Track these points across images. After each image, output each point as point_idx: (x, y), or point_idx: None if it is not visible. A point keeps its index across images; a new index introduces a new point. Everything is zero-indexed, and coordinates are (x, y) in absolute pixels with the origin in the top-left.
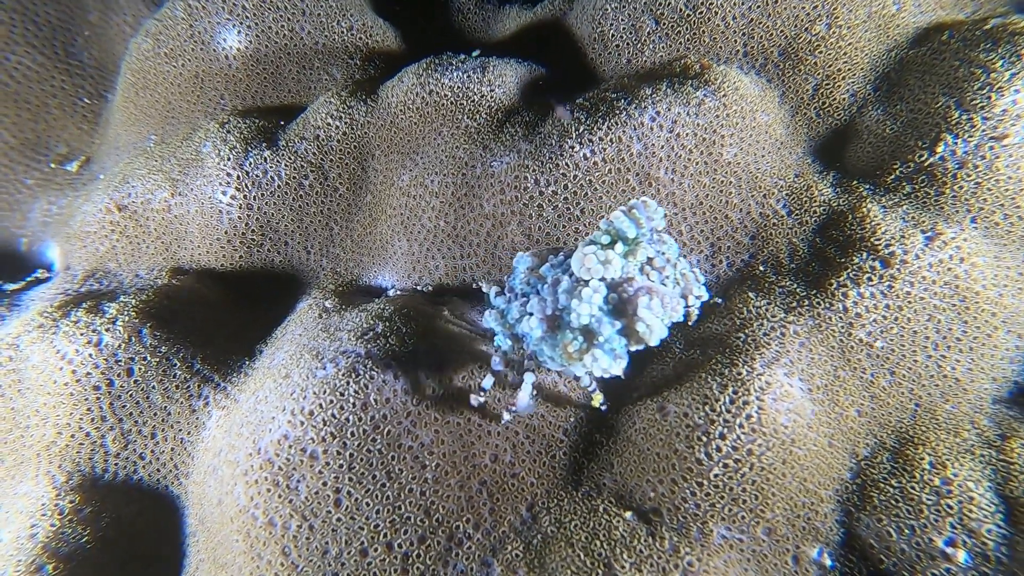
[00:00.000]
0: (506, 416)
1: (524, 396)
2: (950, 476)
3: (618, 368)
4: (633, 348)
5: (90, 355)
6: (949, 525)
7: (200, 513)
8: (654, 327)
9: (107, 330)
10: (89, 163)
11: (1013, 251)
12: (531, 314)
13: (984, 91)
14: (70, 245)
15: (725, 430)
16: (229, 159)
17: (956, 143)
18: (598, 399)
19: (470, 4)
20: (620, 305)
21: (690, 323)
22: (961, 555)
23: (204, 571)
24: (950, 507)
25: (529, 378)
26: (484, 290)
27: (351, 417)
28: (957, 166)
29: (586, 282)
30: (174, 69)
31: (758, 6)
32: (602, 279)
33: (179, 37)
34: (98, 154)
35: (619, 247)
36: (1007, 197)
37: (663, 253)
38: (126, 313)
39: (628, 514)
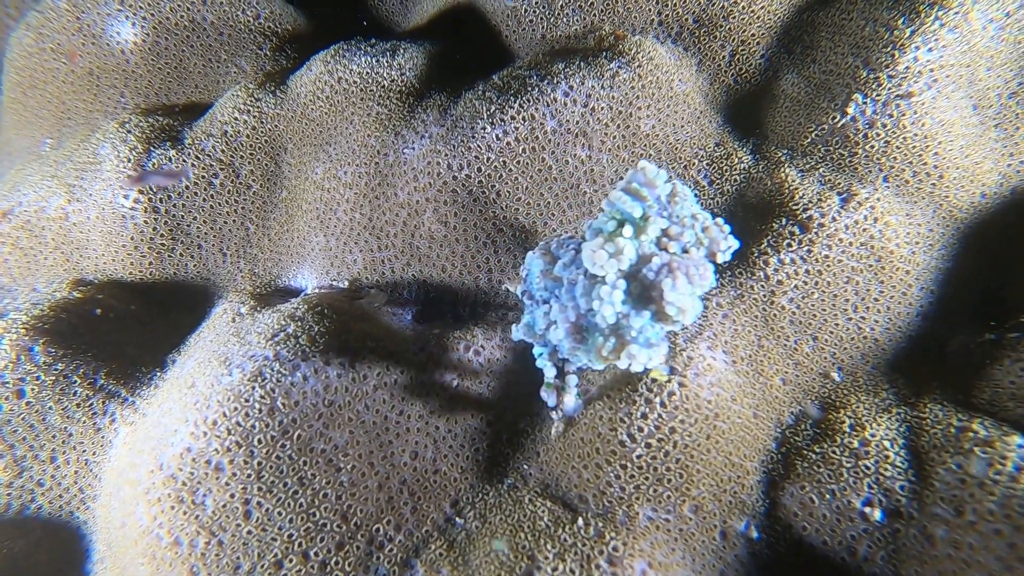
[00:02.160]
0: (557, 424)
1: (570, 399)
2: (868, 437)
3: (659, 357)
4: (669, 330)
5: None
6: (867, 486)
7: (107, 538)
8: (685, 306)
9: None
10: None
11: (923, 208)
12: (555, 324)
13: (888, 49)
14: None
15: (647, 410)
16: (129, 160)
17: (865, 103)
18: (662, 375)
19: None
20: (642, 291)
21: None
22: (877, 513)
23: None
24: (867, 468)
25: (573, 380)
26: (511, 290)
27: (257, 424)
28: (867, 126)
29: (602, 278)
30: (64, 66)
31: None
32: (617, 271)
33: (65, 30)
34: None
35: (627, 230)
36: (915, 154)
37: (678, 217)
38: (14, 331)
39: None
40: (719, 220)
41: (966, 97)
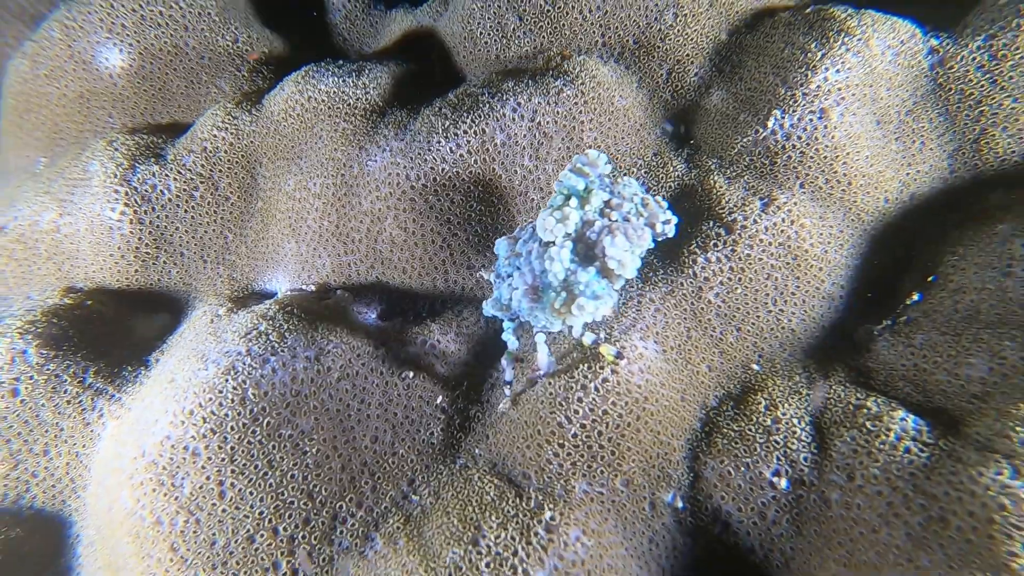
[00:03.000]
0: (506, 401)
1: (543, 357)
2: (779, 415)
3: (606, 308)
4: (616, 286)
5: None
6: (775, 458)
7: (96, 522)
8: (624, 260)
9: None
10: None
11: (834, 210)
12: (515, 288)
13: (802, 70)
14: None
15: (582, 394)
16: (116, 175)
17: (783, 117)
18: (609, 352)
19: (357, 11)
20: (588, 251)
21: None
22: (783, 482)
23: None
24: (777, 442)
25: (541, 338)
26: (486, 277)
27: (229, 412)
28: (785, 138)
29: (552, 243)
30: (57, 90)
31: (612, 0)
32: (565, 234)
33: (58, 58)
34: None
35: (573, 201)
36: (826, 163)
37: (619, 193)
38: (8, 335)
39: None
40: (658, 198)
41: (870, 113)
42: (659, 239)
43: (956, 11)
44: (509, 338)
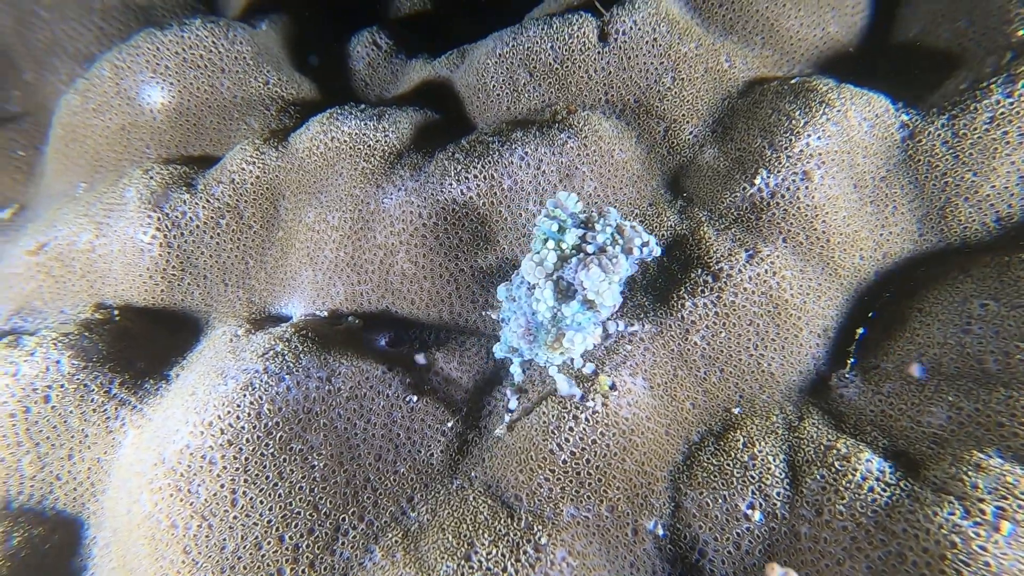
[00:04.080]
0: (502, 428)
1: (563, 386)
2: (756, 452)
3: (590, 338)
4: (602, 315)
5: (6, 385)
6: (751, 492)
7: (114, 524)
8: (601, 289)
9: (24, 361)
10: (23, 210)
11: (813, 264)
12: (515, 332)
13: (787, 135)
14: None
15: (573, 424)
16: (149, 202)
17: (769, 177)
18: (605, 383)
19: (380, 59)
20: (568, 288)
21: (651, 264)
22: (756, 515)
23: None
24: (753, 477)
25: (554, 371)
26: (493, 317)
27: (246, 425)
28: (770, 196)
29: (535, 284)
30: (101, 122)
31: (615, 61)
32: (546, 275)
33: (106, 94)
34: (32, 202)
35: (550, 243)
36: (807, 221)
37: (593, 227)
38: (44, 345)
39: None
40: (634, 224)
41: (847, 178)
42: (645, 260)
43: (924, 91)
44: (516, 371)
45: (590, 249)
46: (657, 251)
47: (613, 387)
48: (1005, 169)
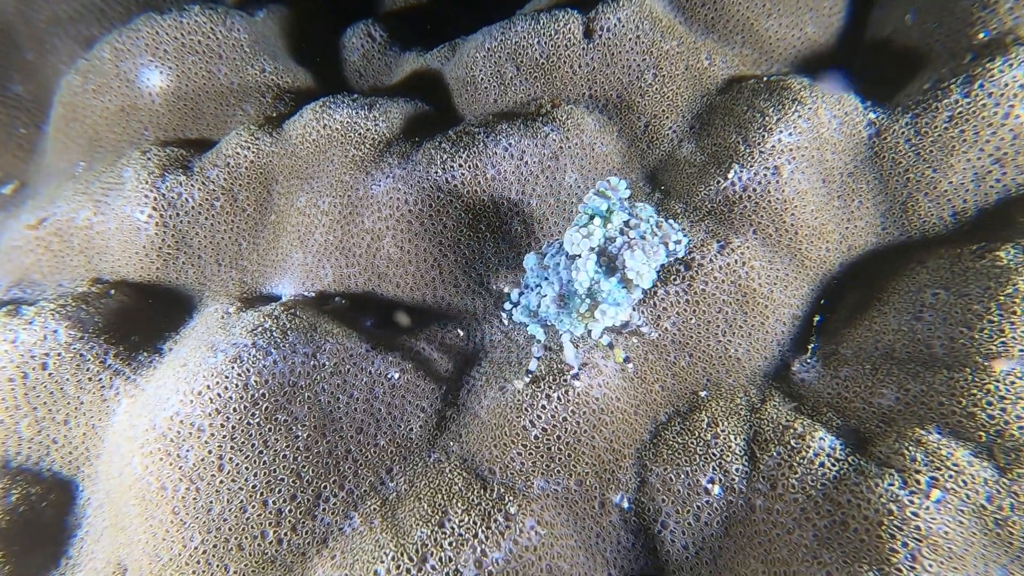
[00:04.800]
0: (577, 380)
1: (570, 354)
2: (719, 432)
3: (624, 313)
4: (633, 295)
5: (5, 351)
6: (711, 468)
7: (107, 486)
8: (643, 271)
9: (23, 329)
10: (24, 187)
11: (781, 255)
12: (544, 296)
13: (760, 131)
14: None
15: (545, 402)
16: (147, 182)
17: (742, 171)
18: (619, 356)
19: (375, 51)
20: (610, 263)
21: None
22: (716, 489)
23: (107, 536)
24: (714, 454)
25: (567, 338)
26: (507, 291)
27: (233, 395)
28: (742, 189)
29: (578, 256)
30: (101, 103)
31: (599, 57)
32: (590, 248)
33: (106, 75)
34: (33, 179)
35: (597, 220)
36: (776, 214)
37: (637, 215)
38: (42, 315)
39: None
40: (671, 220)
41: (816, 173)
42: (670, 256)
43: (892, 89)
44: (538, 331)
45: (633, 234)
46: (683, 252)
47: (627, 360)
48: (962, 166)
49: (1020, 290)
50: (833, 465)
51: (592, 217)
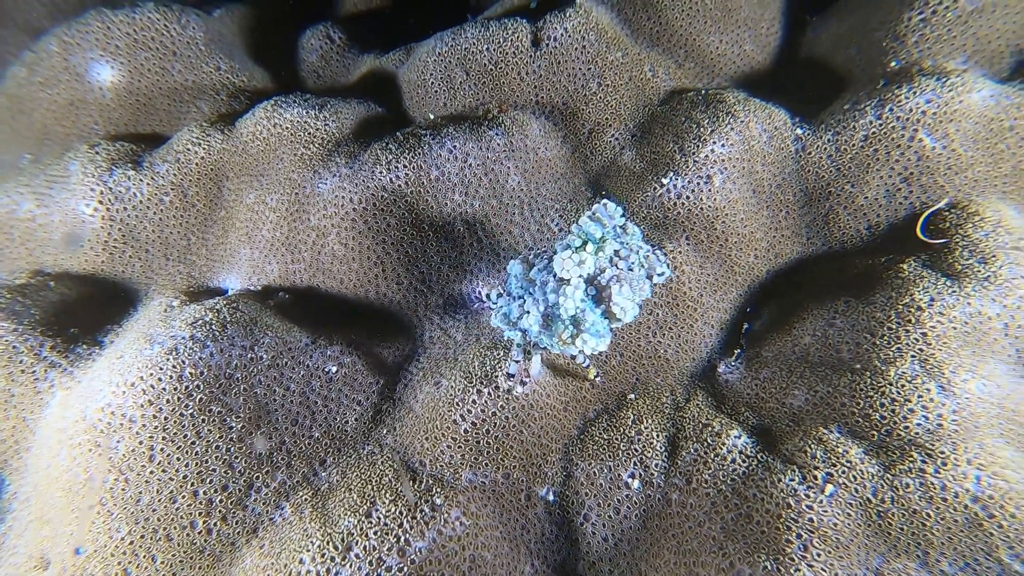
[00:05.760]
0: (523, 386)
1: (535, 367)
2: (642, 429)
3: (604, 345)
4: (613, 326)
5: None
6: (632, 464)
7: (35, 480)
8: (627, 308)
9: None
10: None
11: (712, 261)
12: (528, 312)
13: (695, 141)
14: None
15: (476, 397)
16: (93, 175)
17: (676, 179)
18: (592, 373)
19: (333, 52)
20: (597, 295)
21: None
22: (636, 483)
23: (31, 530)
24: (636, 450)
25: (537, 353)
26: (486, 293)
27: (167, 387)
28: (677, 197)
29: (567, 280)
30: (49, 96)
31: (546, 66)
32: (580, 276)
33: (54, 68)
34: None
35: (589, 247)
36: (708, 221)
37: (627, 244)
38: None
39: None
40: (658, 252)
41: (747, 183)
42: (657, 284)
43: (819, 108)
44: (516, 336)
45: (622, 265)
46: (663, 281)
47: (597, 376)
48: (876, 182)
49: (915, 300)
50: (744, 462)
51: (585, 242)
